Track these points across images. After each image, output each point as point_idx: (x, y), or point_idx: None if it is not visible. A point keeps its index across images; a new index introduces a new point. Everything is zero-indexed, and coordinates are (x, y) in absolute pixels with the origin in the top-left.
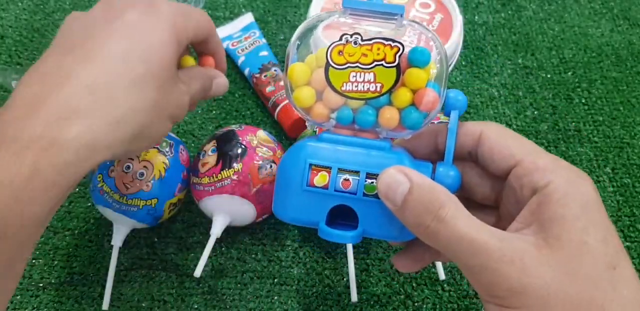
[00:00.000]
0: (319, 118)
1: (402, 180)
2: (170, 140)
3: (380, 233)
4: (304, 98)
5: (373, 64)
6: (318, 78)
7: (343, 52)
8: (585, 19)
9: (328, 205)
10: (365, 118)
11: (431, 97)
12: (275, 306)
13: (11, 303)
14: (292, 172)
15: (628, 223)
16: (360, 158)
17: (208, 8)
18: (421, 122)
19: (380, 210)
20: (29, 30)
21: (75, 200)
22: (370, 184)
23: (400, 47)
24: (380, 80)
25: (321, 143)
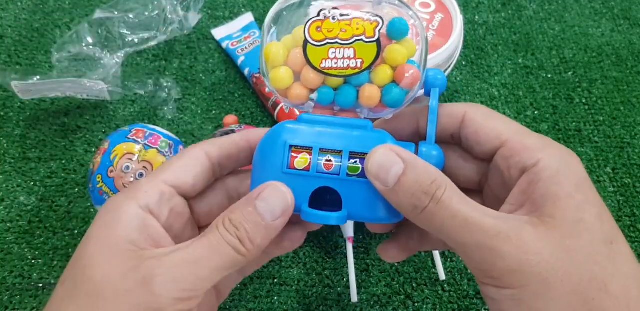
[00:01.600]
0: (297, 99)
1: (395, 160)
2: (169, 140)
3: (366, 215)
4: (281, 78)
5: (353, 39)
6: (295, 58)
7: (321, 28)
8: (586, 19)
9: (310, 187)
10: (346, 97)
11: (412, 73)
12: (275, 306)
13: (10, 304)
14: (271, 155)
15: (629, 224)
16: (342, 138)
17: (208, 8)
18: (402, 99)
19: (364, 191)
20: (28, 30)
21: (75, 201)
22: (354, 164)
23: (380, 21)
24: (361, 56)
25: (301, 125)
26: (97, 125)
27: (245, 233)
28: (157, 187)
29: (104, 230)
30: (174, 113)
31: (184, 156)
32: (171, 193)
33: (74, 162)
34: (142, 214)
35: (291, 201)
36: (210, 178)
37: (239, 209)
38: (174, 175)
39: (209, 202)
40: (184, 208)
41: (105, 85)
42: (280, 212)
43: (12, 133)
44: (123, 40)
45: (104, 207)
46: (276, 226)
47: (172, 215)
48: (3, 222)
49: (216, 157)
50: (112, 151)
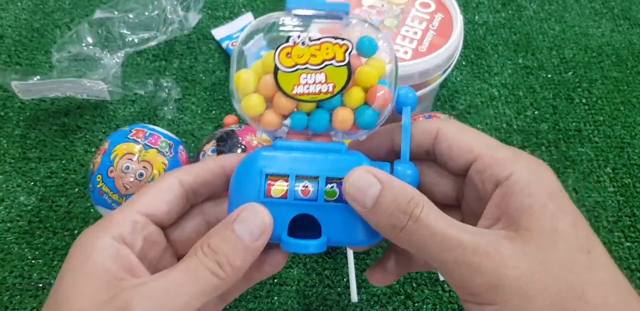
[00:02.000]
0: (270, 126)
1: (371, 181)
2: (169, 140)
3: (345, 240)
4: (253, 106)
5: (323, 64)
6: (266, 84)
7: (291, 54)
8: (586, 19)
9: (289, 215)
10: (319, 121)
11: (384, 94)
12: (275, 306)
13: (10, 304)
14: (247, 184)
15: (629, 224)
16: (318, 163)
17: (208, 8)
18: (375, 120)
19: (343, 216)
20: (28, 30)
21: (75, 201)
22: (331, 189)
23: (349, 45)
24: (332, 80)
25: (275, 152)
26: (97, 125)
27: (224, 257)
28: (129, 216)
29: (78, 262)
30: (174, 113)
31: (156, 185)
32: (144, 222)
33: (74, 162)
34: (115, 244)
35: (269, 221)
36: (185, 206)
37: (217, 233)
38: (147, 204)
39: (186, 230)
40: (159, 236)
41: (105, 85)
42: (259, 233)
43: (12, 133)
44: (123, 40)
45: (77, 241)
46: (256, 247)
47: (147, 244)
48: (3, 221)
49: (190, 184)
50: (112, 151)
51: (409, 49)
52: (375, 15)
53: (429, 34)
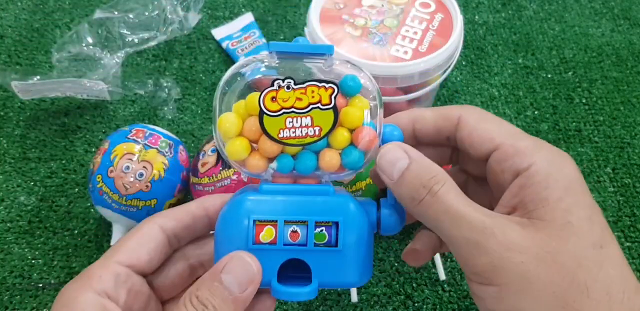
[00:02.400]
0: (256, 169)
1: (401, 155)
2: (169, 140)
3: (336, 282)
4: (238, 150)
5: (309, 107)
6: (251, 127)
7: (276, 98)
8: (586, 19)
9: (278, 261)
10: (306, 164)
11: (369, 135)
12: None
13: (10, 304)
14: (234, 231)
15: (628, 224)
16: (306, 207)
17: (208, 8)
18: (362, 160)
19: (333, 260)
20: (28, 30)
21: (75, 201)
22: (320, 233)
23: (334, 88)
24: (318, 124)
25: (262, 196)
26: (97, 125)
27: (214, 309)
28: (111, 269)
29: None
30: (174, 113)
31: (136, 233)
32: (127, 274)
33: (74, 162)
34: (99, 300)
35: (257, 270)
36: (168, 252)
37: (204, 285)
38: (127, 255)
39: (169, 275)
40: (143, 286)
41: (105, 85)
42: (247, 283)
43: (12, 133)
44: (123, 40)
45: (59, 297)
46: (245, 298)
47: (131, 295)
48: (3, 221)
49: (171, 229)
50: (112, 151)
51: (409, 49)
52: (375, 15)
53: (429, 34)
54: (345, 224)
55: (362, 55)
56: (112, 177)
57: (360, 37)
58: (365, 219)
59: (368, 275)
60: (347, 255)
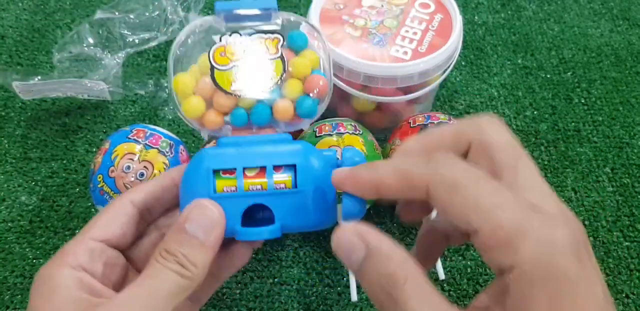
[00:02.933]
0: (213, 125)
1: (357, 244)
2: (170, 140)
3: (300, 224)
4: (194, 107)
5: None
6: (204, 86)
7: (225, 53)
8: (585, 19)
9: (241, 207)
10: (260, 115)
11: (320, 83)
12: (275, 306)
13: (11, 303)
14: (195, 183)
15: (627, 223)
16: (263, 154)
17: (208, 8)
18: (315, 109)
19: (294, 202)
20: (29, 31)
21: (76, 200)
22: (280, 177)
23: (280, 38)
24: None
25: (221, 149)
26: (98, 125)
27: (184, 257)
28: (84, 245)
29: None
30: (175, 113)
31: (108, 209)
32: (101, 248)
33: (74, 161)
34: (76, 274)
35: (219, 214)
36: (141, 225)
37: (170, 237)
38: (100, 230)
39: (144, 247)
40: (119, 259)
41: (106, 86)
42: (212, 228)
43: (14, 134)
44: (124, 40)
45: (36, 277)
46: (212, 242)
47: (108, 268)
48: (4, 221)
49: (142, 202)
50: (113, 151)
51: (409, 49)
52: (375, 15)
53: (429, 34)
54: (302, 166)
55: (362, 56)
56: (113, 177)
57: (360, 38)
58: (323, 162)
59: (330, 218)
60: (307, 196)
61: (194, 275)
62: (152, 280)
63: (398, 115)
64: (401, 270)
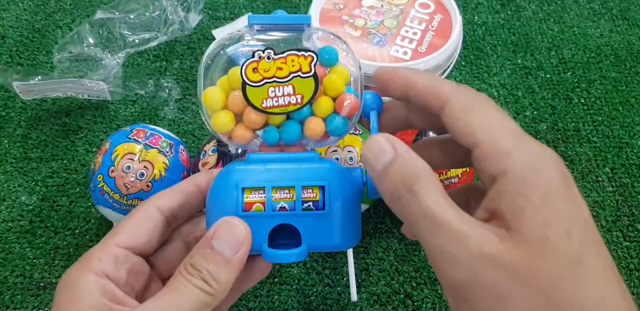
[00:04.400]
0: (242, 140)
1: (387, 148)
2: (170, 140)
3: (325, 245)
4: (223, 123)
5: (290, 76)
6: (235, 100)
7: (258, 69)
8: (585, 19)
9: (268, 227)
10: (291, 133)
11: (351, 101)
12: (275, 305)
13: (12, 303)
14: (223, 200)
15: (627, 223)
16: (292, 173)
17: (208, 8)
18: (346, 127)
19: (321, 223)
20: (29, 31)
21: (76, 200)
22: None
23: (314, 56)
24: (300, 92)
25: (250, 165)
26: (98, 125)
27: (208, 274)
28: (109, 251)
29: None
30: (175, 113)
31: (134, 215)
32: (126, 255)
33: (75, 161)
34: (100, 281)
35: (246, 232)
36: (167, 231)
37: (197, 252)
38: (126, 237)
39: (168, 254)
40: (143, 266)
41: (106, 86)
42: (238, 246)
43: (14, 133)
44: (124, 40)
45: (61, 282)
46: (238, 260)
47: (132, 275)
48: (4, 221)
49: (167, 209)
50: (113, 151)
51: (409, 49)
52: (375, 15)
53: (429, 34)
54: (330, 187)
55: (362, 56)
56: (113, 177)
57: (360, 38)
58: (350, 183)
59: (356, 239)
60: (335, 217)
61: (217, 291)
62: (174, 294)
63: None
64: (426, 171)
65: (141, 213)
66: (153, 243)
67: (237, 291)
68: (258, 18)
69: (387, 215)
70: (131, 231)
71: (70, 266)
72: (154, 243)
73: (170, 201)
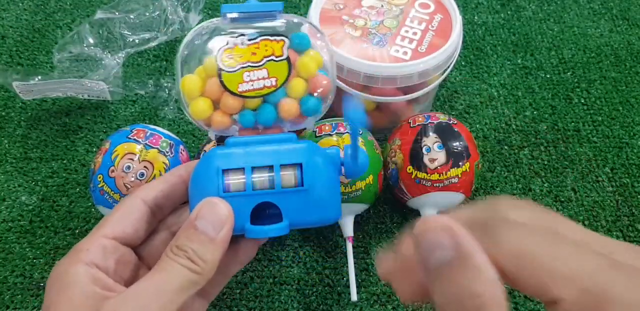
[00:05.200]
0: (220, 126)
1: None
2: (170, 140)
3: (307, 220)
4: (201, 110)
5: (263, 60)
6: (212, 87)
7: (232, 55)
8: (585, 19)
9: (249, 206)
10: (266, 115)
11: (324, 82)
12: (275, 306)
13: (12, 303)
14: (205, 183)
15: (627, 223)
16: (270, 153)
17: (208, 8)
18: (320, 107)
19: (301, 199)
20: (29, 31)
21: (76, 200)
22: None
23: (285, 40)
24: (274, 75)
25: (230, 149)
26: (98, 125)
27: (194, 253)
28: (97, 242)
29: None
30: (175, 113)
31: (119, 207)
32: (114, 246)
33: (75, 161)
34: (89, 270)
35: (228, 211)
36: (152, 222)
37: (181, 234)
38: (112, 228)
39: (154, 244)
40: (130, 256)
41: (106, 86)
42: (221, 224)
43: (14, 133)
44: (124, 40)
45: (52, 274)
46: (222, 238)
47: (120, 265)
48: (4, 221)
49: (152, 200)
50: (113, 151)
51: (409, 49)
52: (375, 15)
53: (429, 34)
54: (308, 165)
55: (362, 56)
56: (113, 177)
57: (360, 38)
58: (327, 160)
59: (336, 213)
60: (314, 194)
61: (203, 270)
62: (162, 274)
63: (398, 115)
64: (490, 292)
65: (126, 205)
66: (140, 233)
67: (226, 275)
68: (230, 7)
69: (387, 215)
70: (117, 222)
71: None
72: (141, 233)
73: (154, 192)
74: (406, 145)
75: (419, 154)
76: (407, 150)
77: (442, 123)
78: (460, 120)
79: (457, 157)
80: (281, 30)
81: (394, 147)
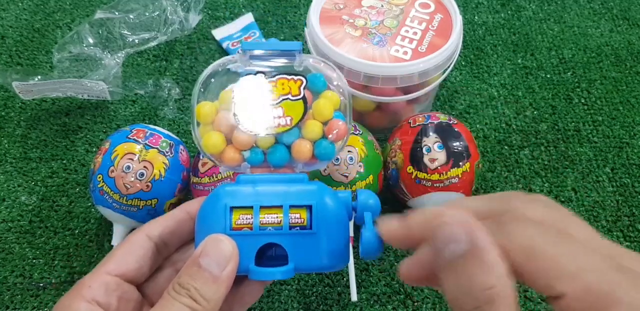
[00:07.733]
0: (232, 162)
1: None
2: (170, 140)
3: (312, 265)
4: (214, 144)
5: (280, 98)
6: (224, 121)
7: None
8: (585, 19)
9: (255, 245)
10: (278, 155)
11: (340, 127)
12: (275, 306)
13: (11, 303)
14: (212, 219)
15: (627, 223)
16: (280, 193)
17: (208, 8)
18: (333, 151)
19: (308, 242)
20: (29, 31)
21: (76, 200)
22: (295, 217)
23: (303, 80)
24: (289, 114)
25: (239, 186)
26: (97, 125)
27: (196, 292)
28: (100, 279)
29: None
30: (175, 113)
31: (124, 243)
32: (117, 283)
33: (74, 161)
34: (90, 307)
35: (233, 249)
36: (157, 258)
37: (184, 271)
38: (116, 264)
39: (159, 282)
40: (133, 293)
41: (106, 85)
42: (225, 262)
43: (14, 133)
44: (124, 40)
45: (55, 307)
46: (226, 277)
47: (122, 302)
48: (4, 221)
49: (158, 236)
50: (113, 151)
51: (409, 49)
52: (375, 15)
53: (429, 34)
54: (318, 207)
55: (362, 56)
56: (112, 177)
57: (360, 38)
58: (338, 204)
59: (344, 260)
60: (322, 238)
61: (206, 309)
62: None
63: (398, 115)
64: (501, 285)
65: (132, 241)
66: (144, 270)
67: None
68: (251, 45)
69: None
70: (121, 259)
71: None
72: (145, 270)
73: (160, 228)
74: (406, 145)
75: (419, 154)
76: (407, 150)
77: (443, 123)
78: (460, 120)
79: (457, 157)
80: (298, 70)
81: (394, 147)
